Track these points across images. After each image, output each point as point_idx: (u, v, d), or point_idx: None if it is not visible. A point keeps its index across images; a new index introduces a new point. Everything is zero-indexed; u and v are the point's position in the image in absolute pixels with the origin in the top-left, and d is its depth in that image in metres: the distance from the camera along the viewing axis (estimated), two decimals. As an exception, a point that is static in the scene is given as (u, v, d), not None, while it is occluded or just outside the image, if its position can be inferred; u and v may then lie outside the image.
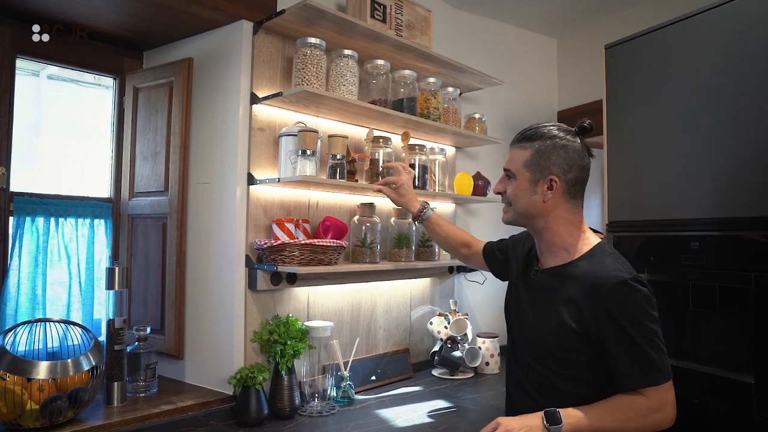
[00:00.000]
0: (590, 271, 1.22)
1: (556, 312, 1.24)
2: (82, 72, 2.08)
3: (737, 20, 1.61)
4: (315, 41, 1.81)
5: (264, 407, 1.75)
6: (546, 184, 1.27)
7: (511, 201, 1.34)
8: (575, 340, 1.21)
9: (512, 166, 1.33)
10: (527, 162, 1.29)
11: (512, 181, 1.33)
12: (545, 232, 1.32)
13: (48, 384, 1.50)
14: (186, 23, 1.90)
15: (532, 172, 1.28)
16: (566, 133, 1.28)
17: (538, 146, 1.28)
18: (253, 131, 1.87)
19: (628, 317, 1.14)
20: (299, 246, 1.74)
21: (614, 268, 1.20)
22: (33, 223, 1.87)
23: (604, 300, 1.16)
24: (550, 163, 1.26)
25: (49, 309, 1.89)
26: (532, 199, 1.29)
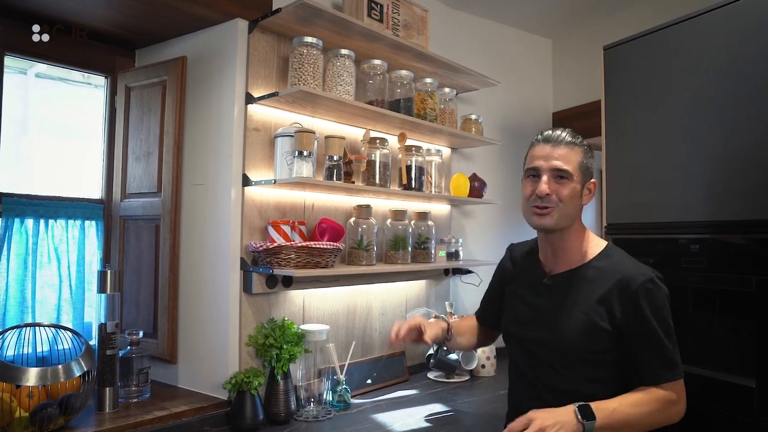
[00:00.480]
0: (615, 270, 1.24)
1: (584, 314, 1.24)
2: (71, 70, 2.03)
3: (737, 22, 1.61)
4: (312, 40, 1.79)
5: (259, 412, 1.72)
6: (589, 187, 1.30)
7: (565, 203, 1.26)
8: (606, 340, 1.22)
9: (569, 165, 1.25)
10: (581, 164, 1.27)
11: (567, 182, 1.25)
12: (571, 235, 1.31)
13: (38, 390, 1.47)
14: (180, 21, 1.87)
15: (582, 174, 1.28)
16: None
17: (585, 149, 1.29)
18: (248, 131, 1.83)
19: (655, 314, 1.19)
20: (296, 249, 1.72)
21: (638, 266, 1.25)
22: (22, 225, 1.82)
23: (635, 297, 1.20)
24: (590, 166, 1.30)
25: (39, 313, 1.85)
26: (579, 202, 1.29)
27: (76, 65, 2.00)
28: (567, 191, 1.25)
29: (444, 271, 2.58)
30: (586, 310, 1.23)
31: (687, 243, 1.68)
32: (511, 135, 3.00)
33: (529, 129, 3.15)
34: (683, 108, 1.73)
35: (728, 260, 1.57)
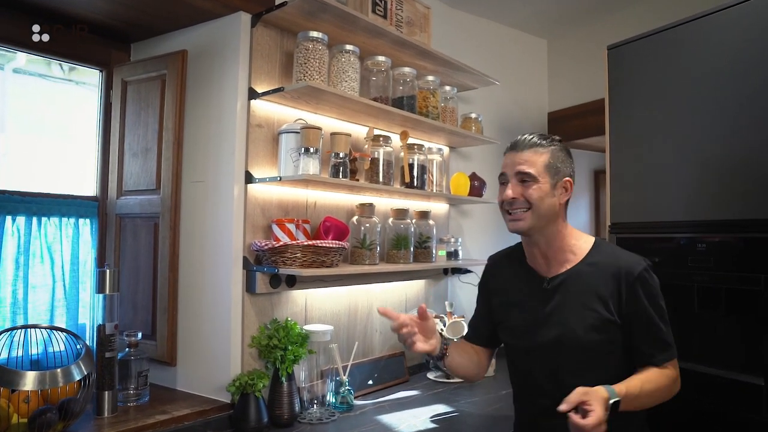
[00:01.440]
0: (612, 262, 1.30)
1: (591, 310, 1.28)
2: (50, 66, 1.95)
3: (742, 23, 1.62)
4: (318, 35, 1.75)
5: (263, 415, 1.68)
6: (563, 186, 1.33)
7: (534, 205, 1.30)
8: (616, 331, 1.27)
9: (533, 168, 1.31)
10: (547, 165, 1.32)
11: (533, 184, 1.30)
12: (556, 236, 1.34)
13: (35, 395, 1.41)
14: (180, 14, 1.82)
15: (551, 175, 1.32)
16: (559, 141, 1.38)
17: (552, 150, 1.33)
18: (251, 128, 1.79)
19: (652, 300, 1.27)
20: (301, 248, 1.68)
21: (631, 255, 1.31)
22: (14, 223, 1.76)
23: (635, 286, 1.26)
24: (563, 166, 1.33)
25: (31, 314, 1.78)
26: (553, 201, 1.32)
27: (69, 58, 1.93)
28: (533, 192, 1.30)
29: (443, 270, 2.56)
30: (592, 305, 1.28)
31: (693, 242, 1.68)
32: (507, 135, 2.98)
33: (525, 129, 3.14)
34: (688, 107, 1.74)
35: (736, 259, 1.58)
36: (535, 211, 1.30)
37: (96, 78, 2.05)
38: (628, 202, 1.91)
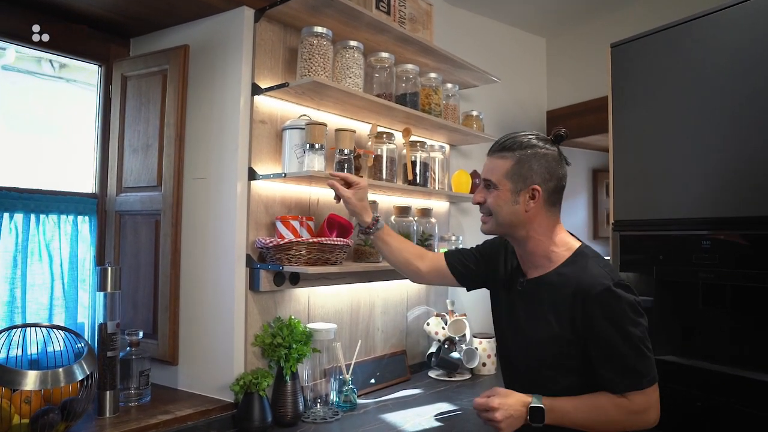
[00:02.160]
0: (575, 277, 1.23)
1: (547, 323, 1.25)
2: (41, 63, 1.90)
3: (748, 21, 1.62)
4: (322, 30, 1.74)
5: (268, 414, 1.66)
6: (528, 193, 1.27)
7: (493, 211, 1.32)
8: (572, 348, 1.23)
9: (493, 176, 1.31)
10: (509, 172, 1.28)
11: (493, 191, 1.31)
12: (527, 242, 1.32)
13: (36, 395, 1.38)
14: (181, 8, 1.79)
15: (514, 182, 1.28)
16: (544, 142, 1.30)
17: (519, 156, 1.27)
18: (254, 124, 1.77)
19: (613, 324, 1.17)
20: (306, 245, 1.66)
21: (598, 274, 1.21)
22: (11, 220, 1.72)
23: (590, 307, 1.19)
24: (532, 172, 1.27)
25: (29, 313, 1.74)
26: (515, 209, 1.28)
27: (68, 52, 1.90)
28: (492, 199, 1.30)
29: (444, 268, 2.55)
30: (551, 318, 1.25)
31: (698, 239, 1.69)
32: (506, 132, 2.98)
33: (524, 127, 3.13)
34: (692, 105, 1.74)
35: (741, 256, 1.58)
36: (495, 218, 1.31)
37: (87, 75, 2.01)
38: (631, 199, 1.91)
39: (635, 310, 1.18)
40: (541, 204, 1.28)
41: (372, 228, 1.55)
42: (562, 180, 1.31)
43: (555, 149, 1.30)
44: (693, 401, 1.67)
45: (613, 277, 1.20)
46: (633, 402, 1.17)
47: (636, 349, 1.17)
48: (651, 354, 1.18)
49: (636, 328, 1.17)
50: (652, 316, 1.82)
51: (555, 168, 1.28)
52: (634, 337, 1.16)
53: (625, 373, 1.17)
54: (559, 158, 1.31)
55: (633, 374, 1.17)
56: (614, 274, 1.23)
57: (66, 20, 1.86)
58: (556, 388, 1.25)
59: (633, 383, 1.17)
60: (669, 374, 1.75)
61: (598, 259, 1.27)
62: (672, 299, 1.80)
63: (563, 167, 1.31)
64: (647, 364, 1.17)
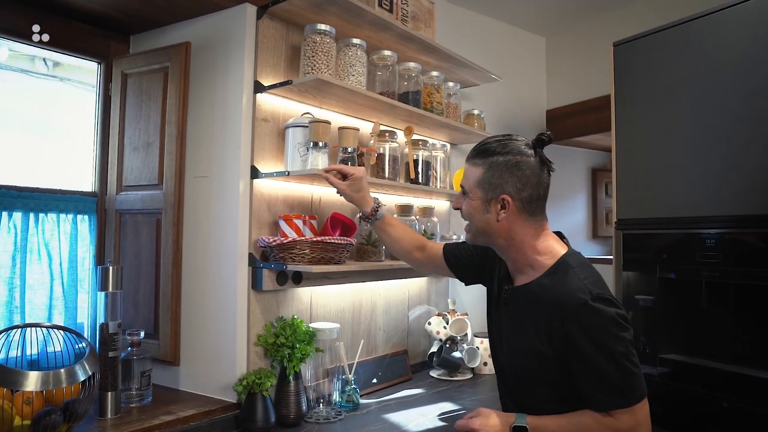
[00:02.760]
0: (553, 291, 1.18)
1: (528, 338, 1.21)
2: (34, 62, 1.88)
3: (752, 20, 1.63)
4: (326, 28, 1.72)
5: (271, 415, 1.65)
6: (499, 203, 1.21)
7: (468, 219, 1.29)
8: (552, 363, 1.17)
9: (466, 183, 1.27)
10: (479, 180, 1.23)
11: (466, 198, 1.27)
12: (509, 250, 1.27)
13: (41, 397, 1.36)
14: (182, 5, 1.77)
15: (484, 191, 1.22)
16: (523, 147, 1.22)
17: (490, 164, 1.21)
18: (256, 122, 1.76)
19: (594, 341, 1.11)
20: (310, 244, 1.65)
21: (576, 287, 1.14)
22: (10, 219, 1.70)
23: (567, 324, 1.13)
24: (502, 181, 1.20)
25: (29, 313, 1.72)
26: (486, 217, 1.23)
27: (67, 49, 1.87)
28: (466, 207, 1.27)
29: (445, 268, 2.55)
30: (530, 332, 1.21)
31: (702, 237, 1.69)
32: (506, 131, 2.97)
33: (524, 126, 3.16)
34: (695, 103, 1.74)
35: (745, 255, 1.59)
36: (471, 225, 1.29)
37: (81, 74, 1.99)
38: (634, 198, 1.91)
39: (617, 323, 1.11)
40: (516, 214, 1.21)
41: (371, 218, 1.57)
42: (539, 188, 1.22)
43: (532, 156, 1.21)
44: (697, 399, 1.67)
45: (592, 291, 1.13)
46: (619, 421, 1.10)
47: (620, 366, 1.10)
48: (637, 369, 1.11)
49: (619, 344, 1.10)
50: (654, 314, 1.82)
51: (530, 176, 1.20)
52: (616, 353, 1.10)
53: (608, 392, 1.11)
54: (537, 165, 1.21)
55: (618, 392, 1.10)
56: (594, 286, 1.15)
57: (65, 17, 1.84)
58: (541, 398, 1.22)
59: (618, 402, 1.10)
60: (672, 373, 1.75)
61: (581, 269, 1.19)
62: (675, 298, 1.80)
63: (543, 174, 1.23)
64: (633, 381, 1.11)
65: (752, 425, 1.54)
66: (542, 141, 1.22)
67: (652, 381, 1.79)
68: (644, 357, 1.81)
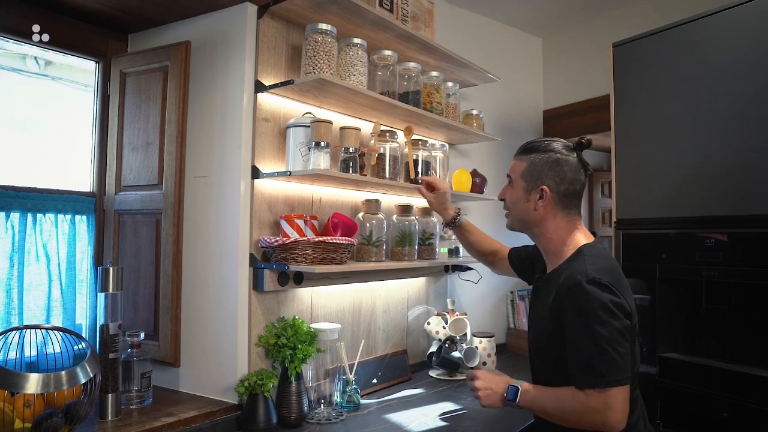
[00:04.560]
0: (563, 274, 1.28)
1: (544, 316, 1.32)
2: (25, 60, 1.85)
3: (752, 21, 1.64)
4: (327, 27, 1.72)
5: (273, 416, 1.64)
6: (537, 193, 1.35)
7: (510, 207, 1.44)
8: (557, 341, 1.26)
9: (513, 173, 1.43)
10: (524, 172, 1.38)
11: (510, 188, 1.43)
12: (541, 239, 1.41)
13: (37, 399, 1.34)
14: (182, 3, 1.76)
15: (526, 182, 1.38)
16: (563, 148, 1.36)
17: (533, 158, 1.37)
18: (257, 121, 1.75)
19: (579, 317, 1.19)
20: (312, 244, 1.64)
21: (578, 270, 1.23)
22: (8, 219, 1.68)
23: (565, 298, 1.23)
24: (542, 174, 1.35)
25: (27, 314, 1.70)
26: (526, 206, 1.38)
27: (65, 48, 1.85)
28: (509, 196, 1.43)
29: (444, 268, 2.55)
30: (545, 313, 1.31)
31: (701, 237, 1.70)
32: (504, 132, 3.00)
33: (521, 126, 3.17)
34: (694, 104, 1.76)
35: (746, 254, 1.60)
36: (511, 213, 1.44)
37: (73, 73, 1.96)
38: (633, 198, 1.92)
39: (606, 309, 1.16)
40: (552, 205, 1.35)
41: (452, 224, 1.84)
42: (575, 184, 1.34)
43: (573, 156, 1.35)
44: (696, 398, 1.68)
45: (589, 274, 1.20)
46: (591, 399, 1.16)
47: (599, 348, 1.15)
48: (619, 356, 1.15)
49: (603, 328, 1.15)
50: (653, 314, 1.83)
51: (568, 173, 1.34)
52: (597, 335, 1.15)
53: (583, 369, 1.17)
54: (576, 165, 1.35)
55: (591, 371, 1.16)
56: (595, 271, 1.21)
57: (63, 15, 1.82)
58: (551, 376, 1.31)
59: (590, 381, 1.16)
60: (672, 371, 1.76)
61: (591, 257, 1.27)
62: (675, 297, 1.81)
63: (580, 173, 1.35)
64: (611, 366, 1.15)
65: (751, 423, 1.55)
66: (582, 145, 1.38)
67: (651, 379, 1.80)
68: (643, 356, 1.82)
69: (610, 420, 1.16)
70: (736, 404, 1.59)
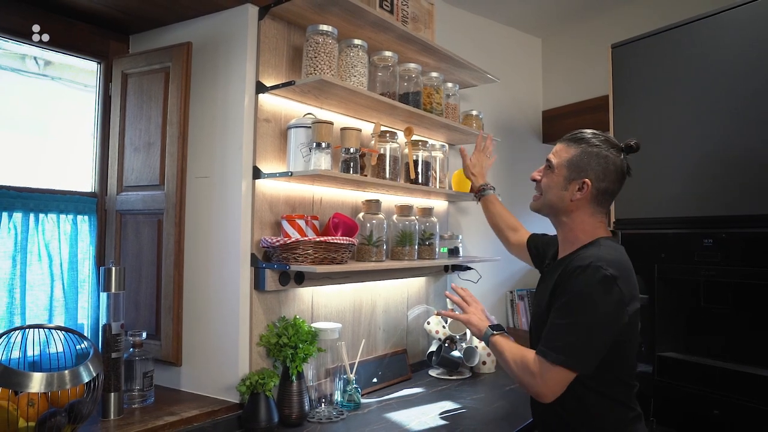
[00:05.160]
0: (575, 257, 1.30)
1: (543, 299, 1.35)
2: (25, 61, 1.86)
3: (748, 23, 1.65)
4: (328, 29, 1.73)
5: (274, 415, 1.65)
6: (577, 185, 1.34)
7: (544, 191, 1.41)
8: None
9: (555, 159, 1.39)
10: (570, 160, 1.36)
11: (549, 172, 1.40)
12: (563, 227, 1.42)
13: (46, 398, 1.35)
14: (184, 5, 1.77)
15: (569, 171, 1.36)
16: (612, 147, 1.35)
17: (583, 149, 1.34)
18: (258, 122, 1.76)
19: (569, 294, 1.23)
20: (313, 244, 1.65)
21: (589, 255, 1.26)
22: (10, 219, 1.69)
23: (564, 277, 1.27)
24: (588, 167, 1.33)
25: (29, 314, 1.71)
26: (562, 194, 1.37)
27: (66, 49, 1.86)
28: (546, 180, 1.40)
29: (444, 267, 2.56)
30: (546, 295, 1.34)
31: (700, 237, 1.71)
32: (502, 133, 3.01)
33: (520, 127, 3.18)
34: (693, 105, 1.77)
35: (744, 254, 1.61)
36: (544, 197, 1.41)
37: (73, 73, 1.97)
38: (632, 198, 1.93)
39: (597, 296, 1.19)
40: (588, 199, 1.34)
41: (479, 193, 1.97)
42: (615, 184, 1.34)
43: (620, 156, 1.34)
44: (695, 396, 1.69)
45: (596, 262, 1.22)
46: (535, 363, 1.24)
47: (570, 327, 1.20)
48: (583, 344, 1.19)
49: (585, 310, 1.19)
50: (652, 313, 1.84)
51: (612, 172, 1.33)
52: (575, 314, 1.20)
53: (547, 339, 1.23)
54: (621, 166, 1.34)
55: (548, 342, 1.22)
56: (603, 259, 1.23)
57: (64, 15, 1.83)
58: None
59: (543, 349, 1.23)
60: (670, 370, 1.78)
61: (606, 248, 1.29)
62: (674, 297, 1.83)
63: (620, 175, 1.35)
64: (571, 349, 1.19)
65: (750, 422, 1.57)
66: (631, 147, 1.37)
67: (650, 378, 1.82)
68: (642, 355, 1.83)
69: (539, 388, 1.23)
70: (733, 403, 1.60)
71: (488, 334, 1.41)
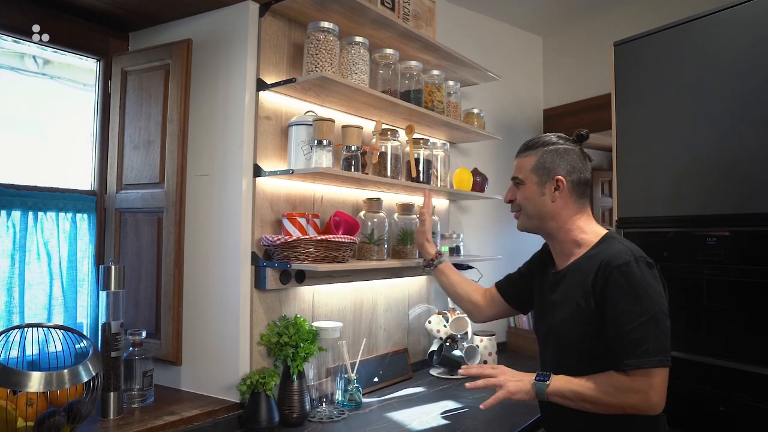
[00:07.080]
0: (600, 256, 1.27)
1: (575, 301, 1.29)
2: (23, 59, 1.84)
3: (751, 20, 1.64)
4: (329, 26, 1.71)
5: (275, 414, 1.64)
6: (553, 185, 1.36)
7: (523, 206, 1.42)
8: (593, 324, 1.24)
9: (520, 173, 1.42)
10: (534, 167, 1.38)
11: (521, 187, 1.42)
12: (558, 233, 1.39)
13: (45, 398, 1.34)
14: (184, 2, 1.76)
15: (539, 176, 1.37)
16: (565, 141, 1.39)
17: (542, 152, 1.38)
18: (259, 120, 1.74)
19: (627, 293, 1.18)
20: (314, 242, 1.64)
21: (621, 250, 1.24)
22: (9, 218, 1.67)
23: (611, 276, 1.21)
24: (554, 165, 1.36)
25: (27, 313, 1.70)
26: (542, 200, 1.37)
27: (65, 46, 1.85)
28: (521, 194, 1.41)
29: (444, 266, 2.55)
30: (577, 297, 1.28)
31: (703, 236, 1.70)
32: (504, 131, 3.00)
33: (521, 126, 3.17)
34: (696, 102, 1.76)
35: (747, 253, 1.60)
36: (524, 212, 1.42)
37: (72, 72, 1.95)
38: (635, 196, 1.93)
39: (655, 287, 1.19)
40: (567, 195, 1.35)
41: (435, 261, 1.81)
42: (584, 173, 1.38)
43: (576, 147, 1.39)
44: (697, 396, 1.68)
45: (635, 253, 1.23)
46: (634, 380, 1.14)
47: (645, 326, 1.15)
48: (662, 336, 1.15)
49: (653, 306, 1.16)
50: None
51: (577, 162, 1.37)
52: (644, 312, 1.16)
53: (629, 349, 1.15)
54: (582, 155, 1.39)
55: (637, 350, 1.14)
56: (638, 250, 1.25)
57: (63, 13, 1.82)
58: (574, 361, 1.29)
59: (639, 361, 1.14)
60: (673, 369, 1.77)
61: (625, 240, 1.33)
62: (676, 295, 1.81)
63: (586, 163, 1.39)
64: (656, 344, 1.14)
65: (752, 421, 1.56)
66: (581, 136, 1.40)
67: (653, 378, 1.80)
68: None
69: (651, 402, 1.14)
70: (736, 402, 1.59)
71: (543, 389, 1.25)
